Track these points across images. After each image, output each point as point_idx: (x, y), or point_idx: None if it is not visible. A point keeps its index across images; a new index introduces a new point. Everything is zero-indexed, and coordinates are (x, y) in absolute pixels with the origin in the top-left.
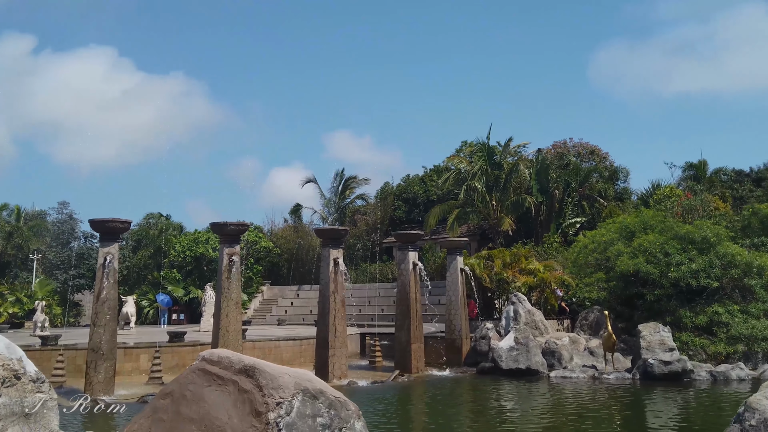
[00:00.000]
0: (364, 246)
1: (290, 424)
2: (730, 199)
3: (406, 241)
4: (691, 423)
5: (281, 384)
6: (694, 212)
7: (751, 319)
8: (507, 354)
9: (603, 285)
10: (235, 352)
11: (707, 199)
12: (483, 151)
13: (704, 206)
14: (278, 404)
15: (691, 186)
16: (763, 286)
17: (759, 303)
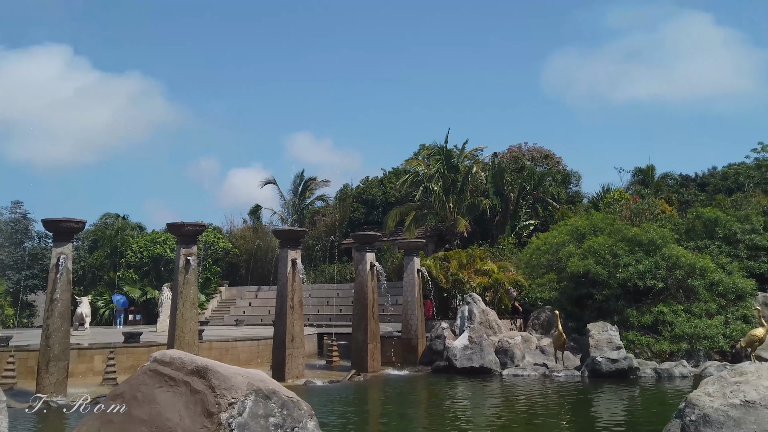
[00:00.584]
0: (323, 247)
1: (242, 424)
2: (676, 203)
3: (364, 242)
4: (637, 418)
5: (234, 384)
6: (642, 215)
7: (694, 319)
8: (461, 353)
9: (555, 285)
10: (187, 353)
11: (654, 203)
12: (441, 155)
13: (651, 210)
14: (230, 405)
15: (639, 190)
16: (706, 287)
17: (701, 303)
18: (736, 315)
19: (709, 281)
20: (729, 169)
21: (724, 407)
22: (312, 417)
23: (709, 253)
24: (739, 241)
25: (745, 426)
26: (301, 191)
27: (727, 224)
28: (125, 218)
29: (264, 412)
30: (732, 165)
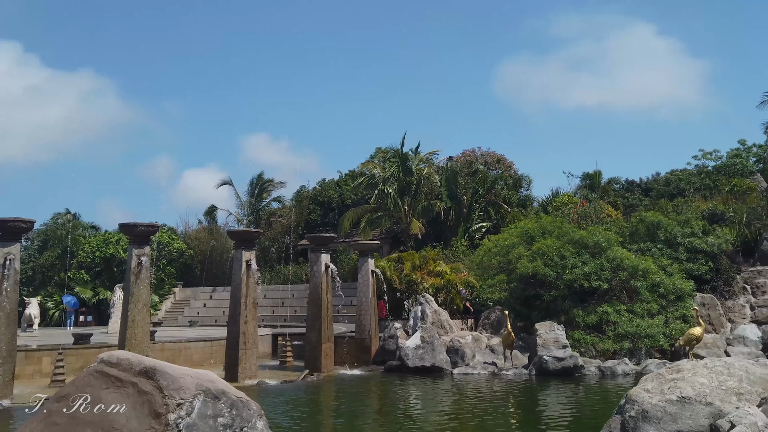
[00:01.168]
0: (278, 248)
1: (190, 425)
2: (621, 207)
3: (319, 244)
4: (581, 414)
5: (182, 385)
6: (589, 219)
7: (636, 318)
8: (413, 352)
9: (505, 286)
10: (135, 354)
11: (600, 207)
12: (396, 158)
13: (597, 213)
14: (179, 405)
15: (587, 194)
16: (648, 288)
17: (643, 303)
18: (676, 315)
19: (651, 282)
20: (671, 175)
21: (662, 403)
22: (261, 417)
23: (652, 255)
24: (680, 244)
25: (681, 420)
26: (257, 192)
27: (668, 228)
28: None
29: (213, 413)
30: (674, 171)
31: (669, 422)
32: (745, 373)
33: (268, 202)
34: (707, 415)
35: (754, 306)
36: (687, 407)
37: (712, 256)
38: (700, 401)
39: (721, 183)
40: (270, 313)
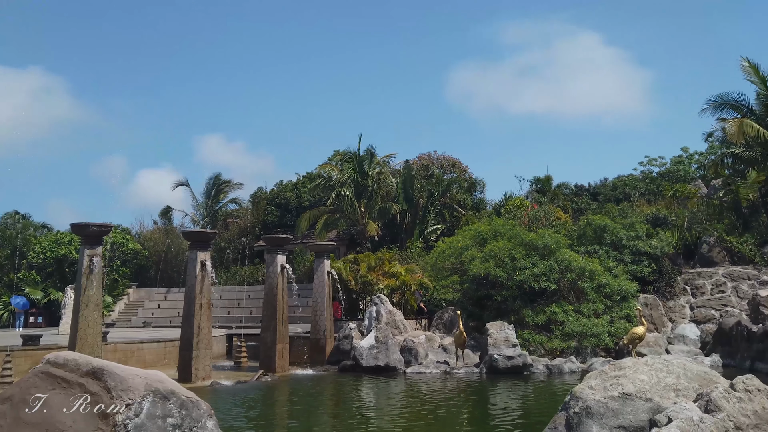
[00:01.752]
0: (235, 249)
1: (139, 426)
2: (570, 211)
3: (275, 245)
4: (529, 411)
5: (131, 386)
6: (539, 222)
7: (583, 318)
8: (368, 352)
9: (458, 287)
10: (83, 355)
11: (550, 211)
12: (353, 160)
13: (548, 217)
14: (127, 406)
15: (538, 198)
16: (594, 289)
17: (590, 303)
18: (620, 315)
19: (597, 283)
20: (618, 180)
21: (605, 399)
22: (211, 416)
23: (598, 257)
24: (625, 246)
25: (622, 416)
26: (214, 194)
27: (614, 231)
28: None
29: (162, 413)
30: (621, 176)
31: (611, 418)
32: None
33: (225, 203)
34: (647, 410)
35: (693, 306)
36: (628, 403)
37: (655, 259)
38: (641, 397)
39: (665, 188)
40: (225, 314)
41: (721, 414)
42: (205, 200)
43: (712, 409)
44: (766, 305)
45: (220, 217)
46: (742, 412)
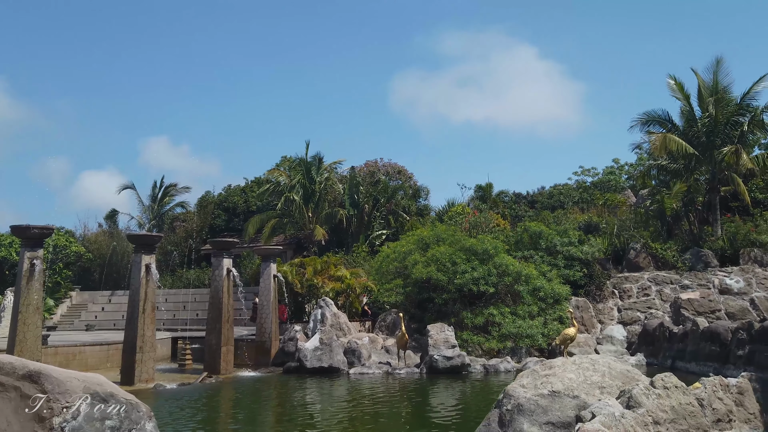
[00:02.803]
0: (182, 252)
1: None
2: (509, 218)
3: (222, 248)
4: (465, 409)
5: (68, 388)
6: (479, 227)
7: (519, 320)
8: (312, 354)
9: (401, 290)
10: (19, 358)
11: (490, 217)
12: (302, 166)
13: (487, 223)
14: (64, 409)
15: (478, 205)
16: (529, 292)
17: (525, 306)
18: (554, 316)
19: (532, 287)
20: (554, 189)
21: (535, 397)
22: (151, 418)
23: (534, 262)
24: (559, 252)
25: (551, 413)
26: (160, 197)
27: (549, 237)
28: None
29: (100, 415)
30: (557, 185)
31: (540, 414)
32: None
33: (172, 206)
34: (573, 407)
35: (621, 309)
36: (557, 400)
37: (586, 263)
38: (568, 394)
39: (597, 197)
40: (171, 317)
41: (641, 410)
42: (152, 204)
43: (632, 405)
44: (687, 308)
45: (166, 220)
46: (660, 408)
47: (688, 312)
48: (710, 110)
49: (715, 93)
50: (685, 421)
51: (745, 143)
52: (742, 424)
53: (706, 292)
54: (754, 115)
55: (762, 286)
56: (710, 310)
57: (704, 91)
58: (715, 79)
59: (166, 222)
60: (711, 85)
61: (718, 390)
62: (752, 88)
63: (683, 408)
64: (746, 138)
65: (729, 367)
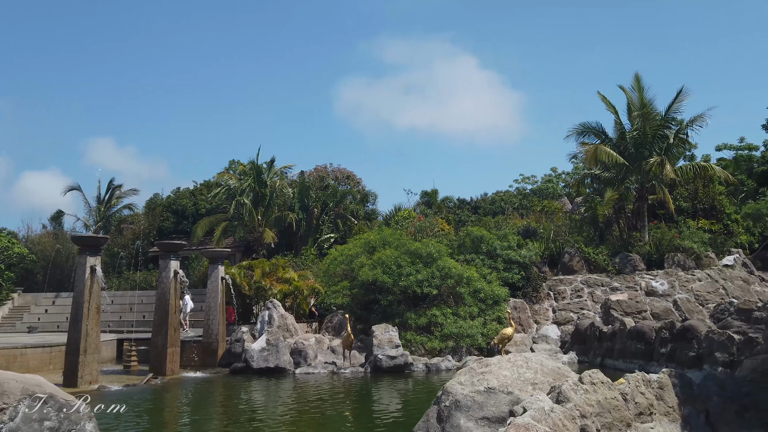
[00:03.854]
0: (129, 254)
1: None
2: (453, 222)
3: (169, 251)
4: (406, 406)
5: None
6: (424, 232)
7: (460, 320)
8: (258, 354)
9: (347, 292)
10: None
11: (435, 222)
12: (252, 170)
13: (432, 227)
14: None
15: (424, 210)
16: (470, 294)
17: (466, 307)
18: (493, 317)
19: (473, 289)
20: (496, 195)
21: (472, 393)
22: (91, 419)
23: (475, 265)
24: (499, 255)
25: (486, 408)
26: (107, 199)
27: (489, 241)
28: None
29: (39, 416)
30: (499, 192)
31: (477, 410)
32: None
33: (120, 208)
34: (508, 402)
35: (555, 309)
36: (492, 396)
37: (524, 267)
38: (503, 391)
39: (535, 204)
40: (117, 318)
41: (569, 404)
42: (98, 205)
43: (562, 400)
44: (616, 308)
45: (114, 222)
46: (587, 402)
47: (617, 312)
48: (637, 124)
49: (641, 108)
50: (610, 415)
51: (670, 155)
52: (662, 416)
53: (634, 294)
54: (679, 129)
55: (684, 288)
56: (637, 310)
57: (632, 106)
58: (640, 94)
59: (113, 224)
60: (637, 100)
61: (640, 385)
62: (673, 103)
63: (608, 402)
64: (672, 150)
65: (653, 364)
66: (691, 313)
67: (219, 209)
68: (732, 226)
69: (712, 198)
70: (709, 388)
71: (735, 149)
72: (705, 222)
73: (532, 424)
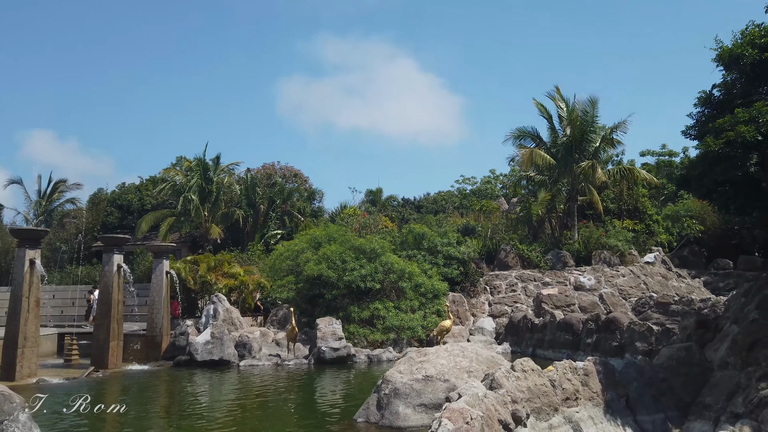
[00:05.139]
0: (71, 249)
1: None
2: (396, 220)
3: (112, 244)
4: (348, 395)
5: None
6: (369, 228)
7: (401, 314)
8: (203, 347)
9: (293, 286)
10: None
11: (379, 219)
12: (199, 166)
13: (376, 224)
14: None
15: (368, 208)
16: (412, 288)
17: (408, 300)
18: (432, 310)
19: (414, 283)
20: (438, 195)
21: (411, 381)
22: (24, 409)
23: (416, 260)
24: (439, 251)
25: (424, 395)
26: (49, 193)
27: (431, 238)
28: None
29: None
30: (441, 192)
31: (415, 397)
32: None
33: (62, 203)
34: (444, 389)
35: (491, 303)
36: (429, 384)
37: (463, 262)
38: (440, 378)
39: (474, 204)
40: (59, 313)
41: (501, 390)
42: (40, 199)
43: (495, 386)
44: (547, 302)
45: (56, 217)
46: (518, 388)
47: (547, 306)
48: (567, 130)
49: (571, 114)
50: (539, 399)
51: (598, 159)
52: (586, 401)
53: (564, 288)
54: (604, 136)
55: (609, 283)
56: (566, 304)
57: (562, 113)
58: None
59: (55, 218)
60: (569, 107)
61: (567, 372)
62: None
63: (538, 388)
64: (599, 154)
65: (580, 353)
66: (615, 306)
67: (165, 205)
68: (653, 226)
69: (636, 200)
70: (629, 374)
71: (657, 155)
72: (629, 222)
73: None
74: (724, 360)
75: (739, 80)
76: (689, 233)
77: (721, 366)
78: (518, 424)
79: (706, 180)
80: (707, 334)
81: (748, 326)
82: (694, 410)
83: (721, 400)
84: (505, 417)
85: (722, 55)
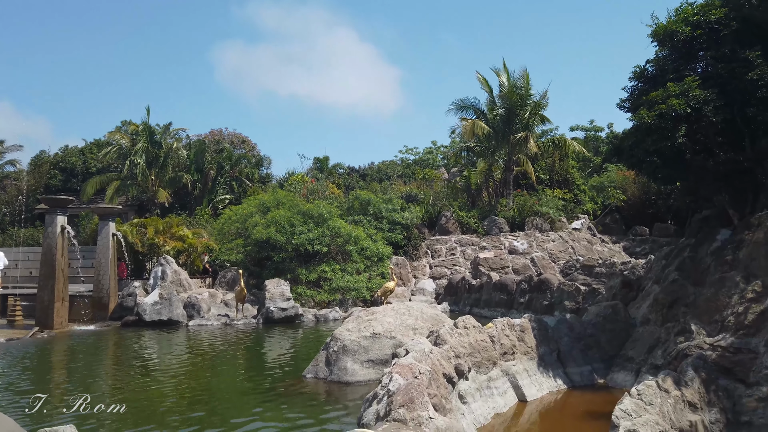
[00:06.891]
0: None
1: None
2: (343, 187)
3: (55, 206)
4: (297, 353)
5: None
6: (316, 194)
7: (347, 275)
8: (151, 308)
9: (241, 249)
10: None
11: (326, 186)
12: (145, 131)
13: (323, 191)
14: None
15: (316, 175)
16: (357, 251)
17: (353, 263)
18: (377, 272)
19: (360, 247)
20: (383, 164)
21: (359, 339)
22: None
23: (362, 225)
24: (384, 217)
25: (372, 352)
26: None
27: (376, 204)
28: None
29: None
30: (385, 161)
31: (362, 353)
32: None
33: (2, 164)
34: (391, 346)
35: (432, 266)
36: (377, 341)
37: (406, 228)
38: (387, 336)
39: (417, 173)
40: (1, 275)
41: (446, 346)
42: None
43: (439, 342)
44: (484, 265)
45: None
46: (461, 344)
47: (484, 268)
48: (505, 103)
49: (509, 89)
50: (480, 354)
51: (532, 131)
52: (522, 355)
53: (499, 252)
54: (533, 107)
55: (540, 247)
56: (501, 266)
57: (504, 88)
58: (507, 76)
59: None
60: (507, 82)
61: (506, 329)
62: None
63: (479, 343)
64: (532, 126)
65: (513, 312)
66: (546, 268)
67: (111, 168)
68: (580, 196)
69: (566, 171)
70: (561, 330)
71: (585, 130)
72: (559, 191)
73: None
74: (646, 317)
75: (672, 56)
76: (612, 202)
77: (643, 322)
78: (461, 377)
79: (637, 150)
80: (631, 293)
81: (669, 286)
82: (617, 362)
83: (642, 353)
84: (449, 371)
85: (657, 31)
